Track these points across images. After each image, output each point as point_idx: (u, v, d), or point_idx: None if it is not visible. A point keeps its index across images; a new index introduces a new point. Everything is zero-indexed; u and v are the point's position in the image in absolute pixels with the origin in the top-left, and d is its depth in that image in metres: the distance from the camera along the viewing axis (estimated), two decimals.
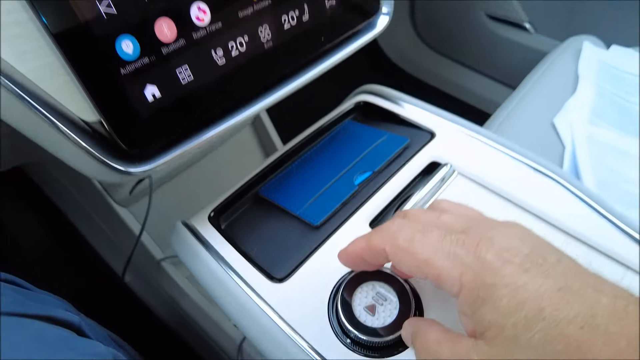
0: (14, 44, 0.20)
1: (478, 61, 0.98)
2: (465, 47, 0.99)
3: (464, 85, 1.02)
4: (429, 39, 1.06)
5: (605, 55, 0.64)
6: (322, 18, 0.29)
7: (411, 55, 1.10)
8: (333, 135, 0.36)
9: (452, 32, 1.00)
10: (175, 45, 0.23)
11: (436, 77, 1.07)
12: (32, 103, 0.21)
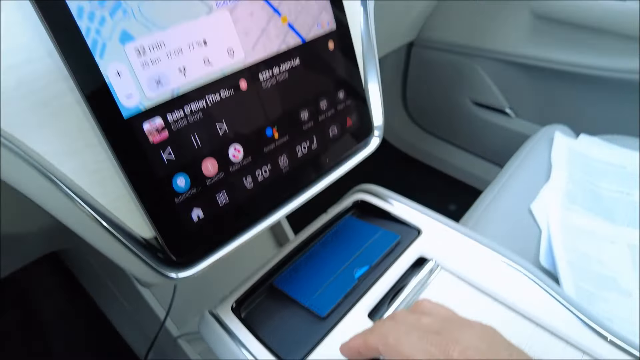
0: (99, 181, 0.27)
1: (466, 141, 1.08)
2: (453, 129, 1.09)
3: (454, 163, 1.10)
4: (420, 121, 1.17)
5: (574, 144, 0.72)
6: (327, 145, 0.37)
7: (405, 135, 1.20)
8: (336, 230, 0.43)
9: (440, 115, 1.10)
10: (216, 177, 0.30)
11: (429, 156, 1.16)
12: (101, 221, 0.27)
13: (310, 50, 0.34)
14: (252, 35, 0.30)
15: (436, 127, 1.14)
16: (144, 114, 0.26)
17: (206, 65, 0.28)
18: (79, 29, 0.24)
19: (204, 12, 0.28)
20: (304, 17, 0.33)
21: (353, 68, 0.38)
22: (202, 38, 0.28)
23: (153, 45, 0.26)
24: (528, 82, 0.94)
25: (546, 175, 0.66)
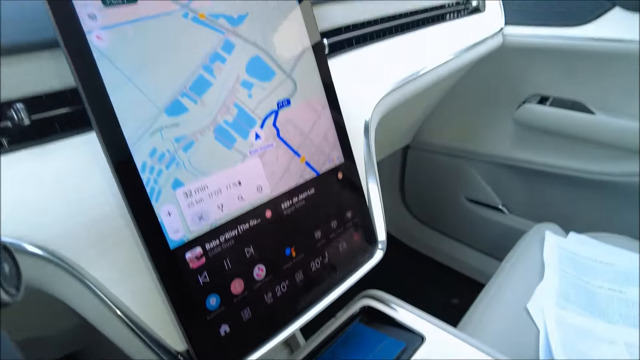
0: (142, 300, 0.31)
1: (463, 235, 1.13)
2: (450, 223, 1.15)
3: (453, 255, 1.15)
4: (419, 215, 1.23)
5: (564, 243, 0.77)
6: (337, 259, 0.41)
7: (405, 227, 1.25)
8: (345, 337, 0.46)
9: (438, 210, 1.17)
10: (242, 295, 0.34)
11: (429, 248, 1.21)
12: (141, 336, 0.31)
13: (323, 181, 0.40)
14: (277, 174, 0.37)
15: (434, 221, 1.19)
16: (186, 245, 0.31)
17: (239, 200, 0.34)
18: (142, 180, 0.29)
19: (240, 160, 0.34)
20: (319, 156, 0.40)
21: (358, 191, 0.44)
22: (238, 180, 0.34)
23: (198, 189, 0.32)
24: (519, 181, 1.02)
25: (540, 274, 0.70)
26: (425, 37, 0.64)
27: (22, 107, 0.29)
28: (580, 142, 0.88)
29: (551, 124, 0.88)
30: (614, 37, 0.76)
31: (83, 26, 0.27)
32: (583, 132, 0.86)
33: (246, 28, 0.35)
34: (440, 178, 1.11)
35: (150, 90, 0.30)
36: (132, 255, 0.31)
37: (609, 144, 0.84)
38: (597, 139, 0.84)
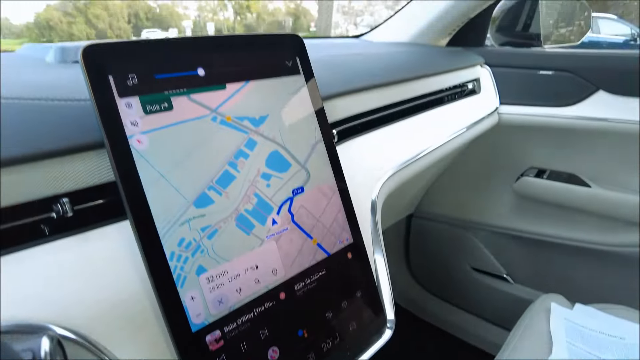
0: None
1: (469, 304, 1.12)
2: (456, 292, 1.15)
3: (461, 326, 1.13)
4: (424, 283, 1.23)
5: (571, 315, 0.77)
6: (347, 338, 0.43)
7: (410, 296, 1.25)
8: None
9: (443, 279, 1.17)
10: None
11: (436, 318, 1.19)
12: None
13: (334, 261, 0.43)
14: (291, 256, 0.39)
15: (441, 289, 1.19)
16: (207, 328, 0.33)
17: (256, 284, 0.36)
18: (169, 267, 0.32)
19: (257, 245, 0.37)
20: (329, 237, 0.43)
21: (367, 270, 0.47)
22: (255, 264, 0.37)
23: (219, 274, 0.34)
24: (522, 251, 1.03)
25: (548, 348, 0.69)
26: (425, 120, 0.69)
27: (67, 201, 0.32)
28: (579, 213, 0.91)
29: (549, 196, 0.91)
30: (599, 116, 0.82)
31: (126, 131, 0.31)
32: (581, 204, 0.88)
33: (266, 127, 0.39)
34: (444, 247, 1.13)
35: (181, 185, 0.33)
36: (156, 337, 0.33)
37: (607, 216, 0.87)
38: (594, 210, 0.87)
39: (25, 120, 0.32)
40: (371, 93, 0.59)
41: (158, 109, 0.33)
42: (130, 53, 0.32)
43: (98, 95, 0.30)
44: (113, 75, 0.31)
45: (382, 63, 0.68)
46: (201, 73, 0.36)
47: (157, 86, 0.33)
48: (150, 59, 0.33)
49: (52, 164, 0.32)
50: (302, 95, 0.43)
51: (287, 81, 0.42)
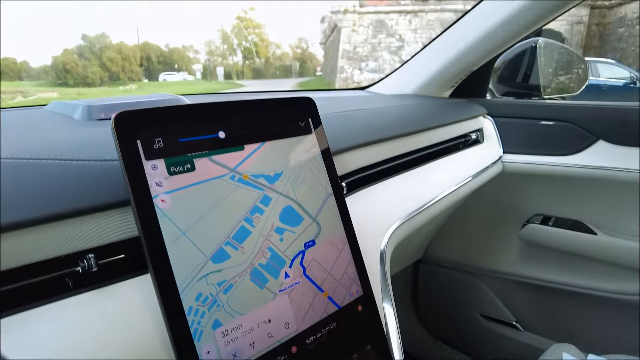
0: None
1: (478, 352, 1.10)
2: (465, 339, 1.13)
3: None
4: (433, 330, 1.21)
5: None
6: None
7: (419, 344, 1.22)
8: None
9: (452, 325, 1.15)
10: None
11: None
12: None
13: (344, 314, 0.44)
14: (303, 310, 0.40)
15: (450, 336, 1.17)
16: None
17: (269, 338, 0.37)
18: (187, 322, 0.33)
19: (270, 299, 0.38)
20: (340, 290, 0.44)
21: (377, 322, 0.47)
22: (268, 318, 0.38)
23: (234, 328, 0.35)
24: (530, 297, 1.02)
25: None
26: (431, 171, 0.71)
27: (92, 256, 0.34)
28: (586, 260, 0.91)
29: (556, 243, 0.92)
30: (601, 165, 0.84)
31: (151, 192, 0.33)
32: (587, 251, 0.89)
33: (280, 183, 0.41)
34: (452, 293, 1.12)
35: (200, 241, 0.35)
36: None
37: (614, 263, 0.87)
38: (601, 257, 0.87)
39: (58, 179, 0.35)
40: (378, 146, 0.62)
41: (181, 170, 0.35)
42: (157, 119, 0.35)
43: (127, 158, 0.33)
44: (141, 140, 0.34)
45: (387, 117, 0.71)
46: (222, 136, 0.38)
47: (181, 149, 0.35)
48: (175, 124, 0.36)
49: (79, 221, 0.34)
50: (314, 152, 0.46)
51: (300, 140, 0.45)
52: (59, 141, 0.42)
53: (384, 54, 19.60)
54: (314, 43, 46.45)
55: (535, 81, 1.07)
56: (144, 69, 43.61)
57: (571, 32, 17.79)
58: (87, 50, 39.37)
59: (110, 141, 0.41)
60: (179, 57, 47.72)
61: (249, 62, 46.83)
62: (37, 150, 0.38)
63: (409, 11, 19.96)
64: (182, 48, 50.66)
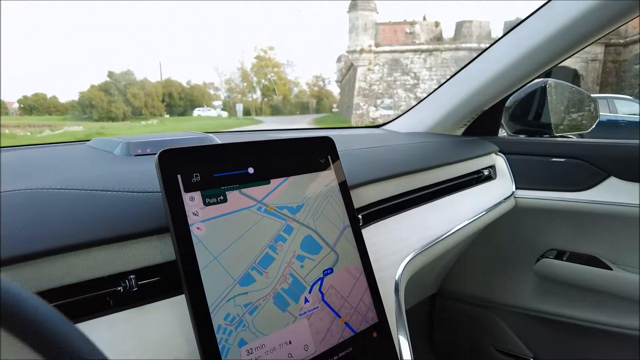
0: None
1: None
2: None
3: None
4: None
5: None
6: None
7: None
8: None
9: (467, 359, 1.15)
10: None
11: None
12: None
13: (360, 339, 0.46)
14: (321, 333, 0.43)
15: None
16: None
17: (289, 358, 0.40)
18: (216, 340, 0.36)
19: (291, 321, 0.41)
20: (356, 317, 0.46)
21: (391, 349, 0.49)
22: (289, 339, 0.41)
23: (258, 347, 0.38)
24: (547, 333, 1.01)
25: None
26: (445, 205, 0.74)
27: (133, 277, 0.38)
28: (602, 295, 0.91)
29: (571, 277, 0.92)
30: (612, 201, 0.85)
31: (188, 220, 0.37)
32: (603, 287, 0.89)
33: (302, 214, 0.45)
34: (468, 327, 1.12)
35: (230, 266, 0.39)
36: None
37: (630, 299, 0.87)
38: (617, 293, 0.88)
39: (105, 208, 0.39)
40: (392, 181, 0.65)
41: (215, 202, 0.39)
42: (195, 156, 0.40)
43: (168, 190, 0.37)
44: (181, 175, 0.38)
45: (401, 154, 0.75)
46: (251, 171, 0.42)
47: (215, 183, 0.40)
48: (210, 161, 0.40)
49: (123, 245, 0.38)
50: (333, 186, 0.50)
51: (320, 175, 0.49)
52: (103, 174, 0.47)
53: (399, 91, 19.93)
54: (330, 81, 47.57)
55: (546, 119, 1.10)
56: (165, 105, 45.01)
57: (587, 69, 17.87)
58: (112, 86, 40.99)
59: (149, 174, 0.46)
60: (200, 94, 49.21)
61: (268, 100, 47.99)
62: (85, 181, 0.43)
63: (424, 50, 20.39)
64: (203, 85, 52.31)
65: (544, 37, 0.84)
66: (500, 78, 0.93)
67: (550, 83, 1.10)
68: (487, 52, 0.96)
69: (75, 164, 0.53)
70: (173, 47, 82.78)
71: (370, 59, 20.70)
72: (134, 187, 0.43)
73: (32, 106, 43.28)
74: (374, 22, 21.26)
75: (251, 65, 49.79)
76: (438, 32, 21.57)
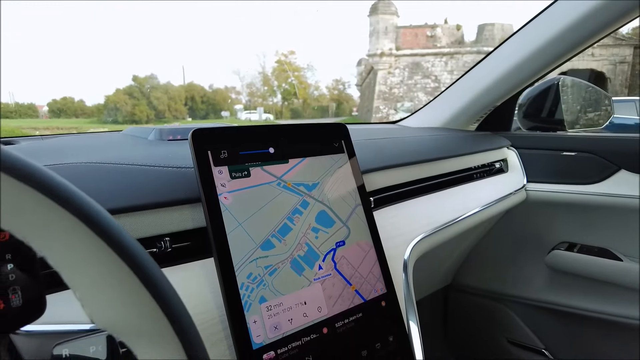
0: None
1: None
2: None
3: None
4: (461, 356, 1.22)
5: None
6: None
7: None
8: None
9: (480, 352, 1.17)
10: None
11: None
12: None
13: (369, 307, 0.50)
14: (333, 298, 0.48)
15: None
16: (264, 348, 0.41)
17: (304, 317, 0.45)
18: (240, 295, 0.41)
19: (306, 285, 0.46)
20: (366, 286, 0.51)
21: (399, 319, 0.53)
22: (304, 300, 0.45)
23: (276, 305, 0.43)
24: (560, 324, 1.03)
25: None
26: (454, 194, 0.78)
27: (168, 239, 0.43)
28: (613, 287, 0.92)
29: (582, 269, 0.94)
30: (622, 193, 0.87)
31: (217, 190, 0.43)
32: (614, 278, 0.91)
33: (317, 192, 0.50)
34: (480, 319, 1.14)
35: (252, 232, 0.44)
36: (223, 355, 0.41)
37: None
38: (628, 284, 0.89)
39: (145, 180, 0.45)
40: (403, 169, 0.70)
41: (240, 176, 0.45)
42: (223, 136, 0.45)
43: (200, 164, 0.43)
44: (211, 151, 0.44)
45: (413, 145, 0.79)
46: (271, 151, 0.48)
47: (240, 159, 0.45)
48: (237, 141, 0.46)
49: (160, 212, 0.43)
50: (346, 168, 0.54)
51: (334, 158, 0.53)
52: (142, 154, 0.53)
53: (420, 94, 19.81)
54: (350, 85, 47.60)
55: (560, 116, 1.12)
56: (188, 108, 45.80)
57: (614, 72, 17.43)
58: (136, 90, 41.96)
59: (181, 154, 0.51)
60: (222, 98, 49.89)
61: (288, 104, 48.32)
62: (127, 159, 0.49)
63: (445, 53, 20.24)
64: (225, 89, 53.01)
65: (555, 33, 0.86)
66: (513, 74, 0.96)
67: (564, 80, 1.12)
68: (499, 49, 0.99)
69: (115, 146, 0.59)
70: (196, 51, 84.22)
71: (390, 63, 20.66)
72: (167, 163, 0.48)
73: (61, 109, 44.71)
74: (394, 25, 21.23)
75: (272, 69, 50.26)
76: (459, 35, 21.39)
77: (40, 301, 0.30)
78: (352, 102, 45.63)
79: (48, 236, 0.19)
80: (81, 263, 0.20)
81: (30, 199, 0.18)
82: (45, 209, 0.19)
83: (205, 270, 0.44)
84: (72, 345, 0.31)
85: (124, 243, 0.21)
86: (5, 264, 0.29)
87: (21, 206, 0.18)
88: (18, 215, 0.18)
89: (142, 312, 0.21)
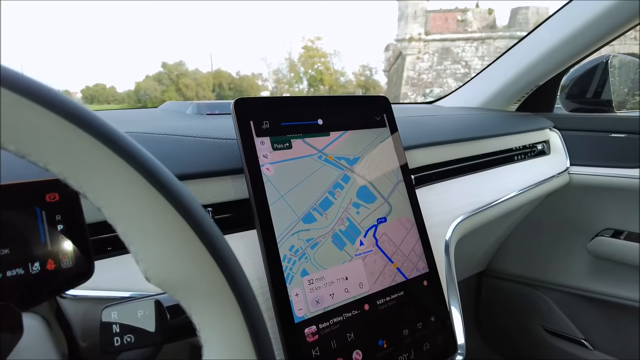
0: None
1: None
2: (529, 355, 1.11)
3: None
4: (495, 346, 1.20)
5: None
6: (421, 357, 0.48)
7: (480, 358, 1.21)
8: None
9: (514, 341, 1.14)
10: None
11: None
12: None
13: (411, 285, 0.49)
14: (374, 275, 0.46)
15: (511, 351, 1.16)
16: (306, 322, 0.41)
17: (345, 292, 0.44)
18: (282, 267, 0.41)
19: (348, 260, 0.45)
20: (408, 264, 0.49)
21: (441, 298, 0.52)
22: (345, 275, 0.44)
23: (318, 278, 0.42)
24: (601, 314, 0.99)
25: None
26: (495, 175, 0.75)
27: (211, 210, 0.43)
28: None
29: (627, 257, 0.90)
30: None
31: (259, 161, 0.42)
32: None
33: (359, 166, 0.48)
34: (515, 306, 1.11)
35: (294, 205, 0.43)
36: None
37: None
38: None
39: (188, 150, 0.45)
40: (445, 147, 0.67)
41: (282, 147, 0.44)
42: (265, 106, 0.44)
43: (242, 133, 0.42)
44: (253, 121, 0.43)
45: (454, 123, 0.76)
46: (320, 122, 0.46)
47: (282, 131, 0.44)
48: (278, 111, 0.45)
49: (204, 182, 0.43)
50: (387, 143, 0.53)
51: (376, 132, 0.52)
52: (182, 126, 0.53)
53: (449, 80, 19.36)
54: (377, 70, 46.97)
55: (607, 97, 1.06)
56: (215, 95, 46.34)
57: None
58: (165, 76, 42.69)
59: (221, 127, 0.50)
60: (248, 85, 50.22)
61: (314, 90, 48.18)
62: (169, 130, 0.49)
63: (476, 38, 19.65)
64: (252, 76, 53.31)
65: (601, 11, 0.81)
66: (555, 53, 0.92)
67: (612, 59, 1.05)
68: (542, 26, 0.94)
69: (155, 120, 0.59)
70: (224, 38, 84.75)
71: (419, 48, 20.23)
72: (209, 134, 0.48)
73: (93, 96, 45.99)
74: (424, 9, 20.72)
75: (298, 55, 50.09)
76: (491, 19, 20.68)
77: (89, 264, 0.30)
78: (379, 89, 45.12)
79: (108, 187, 0.18)
80: (139, 216, 0.19)
81: (91, 147, 0.18)
82: (106, 158, 0.18)
83: (245, 242, 0.44)
84: (120, 309, 0.30)
85: (183, 199, 0.20)
86: (56, 224, 0.29)
87: (84, 156, 0.17)
88: (77, 163, 0.18)
89: (199, 270, 0.20)
